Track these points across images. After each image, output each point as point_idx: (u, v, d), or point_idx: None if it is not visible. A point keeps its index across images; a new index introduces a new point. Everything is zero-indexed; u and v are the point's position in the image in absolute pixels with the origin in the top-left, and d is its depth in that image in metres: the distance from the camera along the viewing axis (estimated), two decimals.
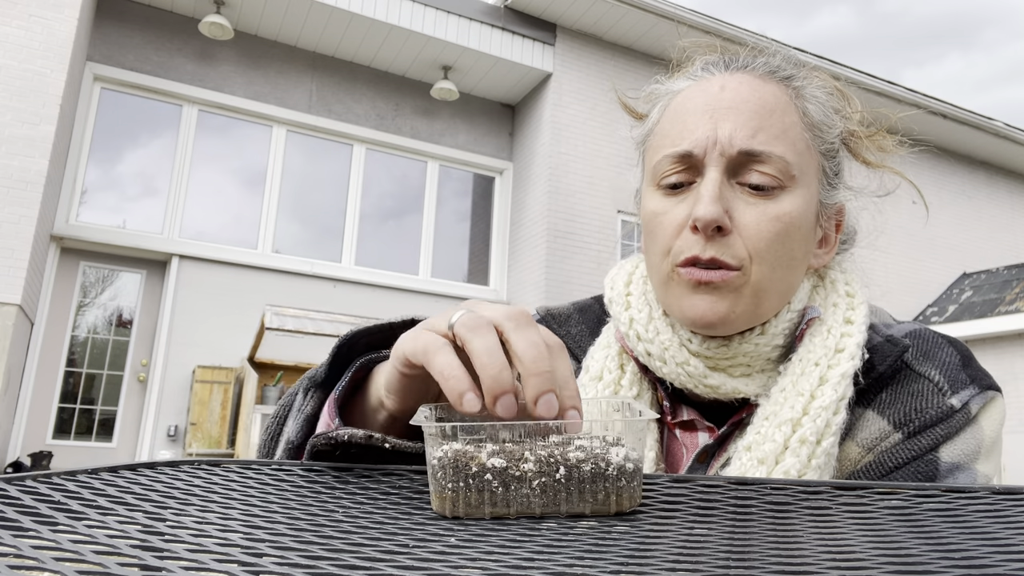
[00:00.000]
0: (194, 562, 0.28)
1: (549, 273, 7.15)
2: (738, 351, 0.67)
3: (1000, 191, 10.29)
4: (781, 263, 0.66)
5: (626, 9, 7.26)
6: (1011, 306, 8.12)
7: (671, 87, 0.73)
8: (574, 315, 0.83)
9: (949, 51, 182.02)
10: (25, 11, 5.46)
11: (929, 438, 0.63)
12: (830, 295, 0.71)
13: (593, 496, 0.39)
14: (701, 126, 0.66)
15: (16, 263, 5.13)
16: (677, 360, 0.68)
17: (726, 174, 0.65)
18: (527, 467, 0.39)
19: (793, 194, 0.66)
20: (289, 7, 6.71)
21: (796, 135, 0.67)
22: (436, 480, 0.40)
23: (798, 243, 0.67)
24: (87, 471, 0.44)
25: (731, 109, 0.66)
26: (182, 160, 6.85)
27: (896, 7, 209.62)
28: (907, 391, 0.66)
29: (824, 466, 0.62)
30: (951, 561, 0.30)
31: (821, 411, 0.62)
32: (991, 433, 0.65)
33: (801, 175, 0.66)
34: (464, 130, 7.96)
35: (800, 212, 0.66)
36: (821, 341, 0.67)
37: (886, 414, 0.65)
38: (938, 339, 0.70)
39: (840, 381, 0.64)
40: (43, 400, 6.23)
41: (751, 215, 0.65)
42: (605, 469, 0.39)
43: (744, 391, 0.67)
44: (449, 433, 0.41)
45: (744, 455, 0.63)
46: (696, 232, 0.65)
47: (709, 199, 0.63)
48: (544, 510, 0.40)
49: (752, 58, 0.71)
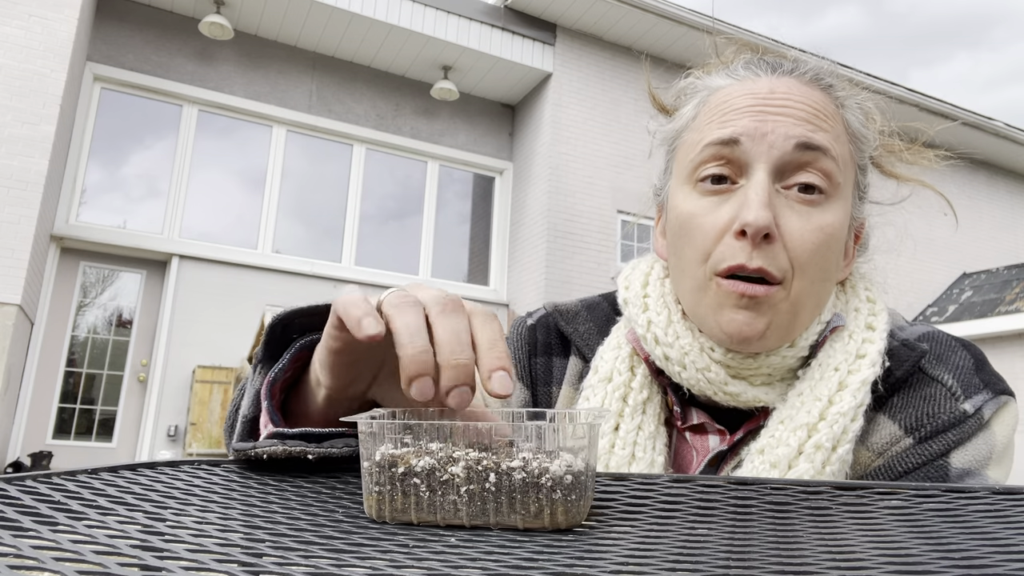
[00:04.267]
0: (194, 562, 0.28)
1: (549, 273, 7.15)
2: (764, 363, 0.65)
3: (1000, 191, 10.29)
4: (819, 276, 0.63)
5: (626, 9, 7.26)
6: (1011, 306, 8.12)
7: (709, 83, 0.70)
8: (582, 312, 0.80)
9: (956, 51, 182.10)
10: (25, 11, 5.46)
11: (940, 443, 0.62)
12: (851, 300, 0.70)
13: (524, 508, 0.36)
14: (748, 119, 0.62)
15: (16, 263, 5.13)
16: (698, 366, 0.65)
17: (772, 176, 0.62)
18: (455, 470, 0.37)
19: (836, 204, 0.63)
20: (289, 7, 6.71)
21: (842, 143, 0.65)
22: (365, 481, 0.38)
23: (835, 255, 0.65)
24: (87, 471, 0.44)
25: (784, 108, 0.63)
26: (182, 160, 6.85)
27: (904, 7, 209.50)
28: (919, 395, 0.65)
29: (837, 473, 0.61)
30: (951, 561, 0.30)
31: (839, 417, 0.61)
32: (1003, 439, 0.64)
33: (843, 185, 0.64)
34: (464, 130, 7.95)
35: (840, 224, 0.64)
36: (842, 347, 0.65)
37: (897, 418, 0.64)
38: (951, 342, 0.69)
39: (860, 387, 0.62)
40: (43, 400, 6.23)
41: (796, 224, 0.61)
42: (538, 479, 0.36)
43: (764, 399, 0.65)
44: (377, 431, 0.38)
45: (756, 458, 0.62)
46: (742, 238, 0.61)
47: (760, 203, 0.59)
48: (472, 520, 0.37)
49: (796, 64, 0.68)
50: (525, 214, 7.69)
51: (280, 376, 0.54)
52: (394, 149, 7.72)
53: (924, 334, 0.70)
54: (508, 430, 0.39)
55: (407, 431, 0.39)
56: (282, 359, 0.55)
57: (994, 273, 9.19)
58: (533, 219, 7.51)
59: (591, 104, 7.64)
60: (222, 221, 7.01)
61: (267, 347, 0.55)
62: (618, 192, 7.58)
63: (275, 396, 0.54)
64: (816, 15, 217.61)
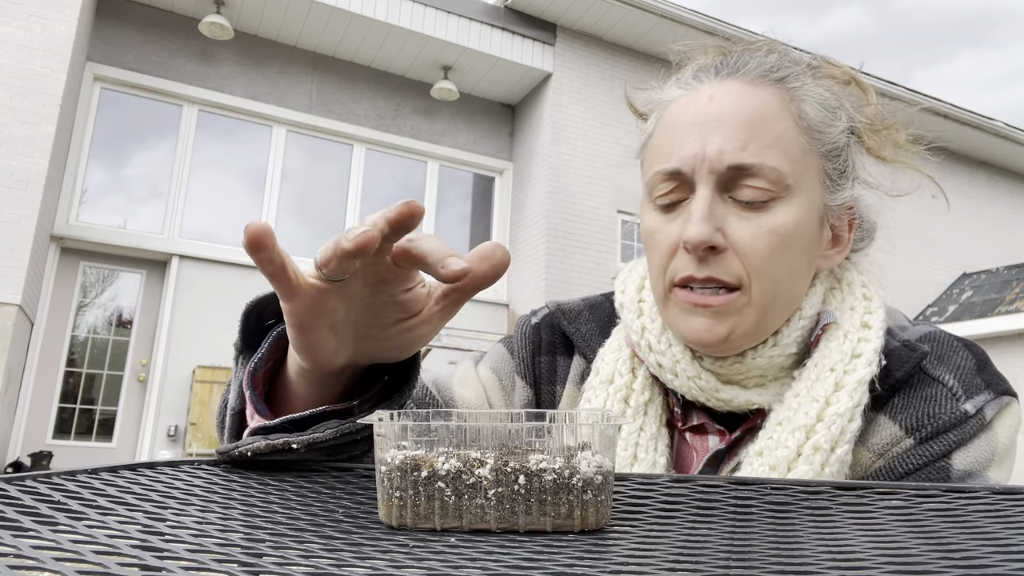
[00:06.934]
0: (194, 562, 0.28)
1: (549, 273, 7.15)
2: (752, 365, 0.66)
3: (1000, 191, 10.29)
4: (783, 275, 0.64)
5: (626, 9, 7.26)
6: (1011, 306, 8.12)
7: (664, 96, 0.71)
8: (584, 312, 0.80)
9: (961, 50, 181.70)
10: (25, 11, 5.46)
11: (941, 444, 0.62)
12: (847, 298, 0.69)
13: (556, 510, 0.36)
14: (690, 142, 0.64)
15: (16, 263, 5.13)
16: (689, 374, 0.67)
17: (718, 190, 0.63)
18: (483, 472, 0.36)
19: (789, 203, 0.63)
20: (289, 7, 6.71)
21: (790, 141, 0.64)
22: (383, 486, 0.37)
23: (799, 252, 0.65)
24: (87, 471, 0.44)
25: (719, 121, 0.64)
26: (182, 160, 6.85)
27: (909, 6, 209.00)
28: (920, 396, 0.64)
29: (837, 474, 0.61)
30: (951, 561, 0.30)
31: (836, 418, 0.61)
32: (1005, 440, 0.63)
33: (797, 182, 0.64)
34: (464, 130, 7.95)
35: (798, 221, 0.64)
36: (837, 346, 0.65)
37: (898, 419, 0.64)
38: (953, 342, 0.68)
39: (857, 388, 0.62)
40: (43, 400, 6.23)
41: (745, 231, 0.63)
42: (569, 479, 0.35)
43: (758, 402, 0.66)
44: (399, 434, 0.37)
45: (755, 460, 0.62)
46: (690, 252, 0.63)
47: (698, 219, 0.62)
48: (500, 524, 0.36)
49: (745, 60, 0.68)
50: (525, 214, 7.69)
51: (261, 366, 0.54)
52: (394, 149, 7.72)
53: (926, 334, 0.69)
54: (532, 431, 0.39)
55: (426, 432, 0.38)
56: (260, 348, 0.54)
57: (994, 273, 9.19)
58: (533, 219, 7.51)
59: (591, 104, 7.64)
60: (222, 221, 7.01)
61: (244, 336, 0.55)
62: (618, 192, 7.58)
63: (259, 386, 0.54)
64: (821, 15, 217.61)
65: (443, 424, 0.38)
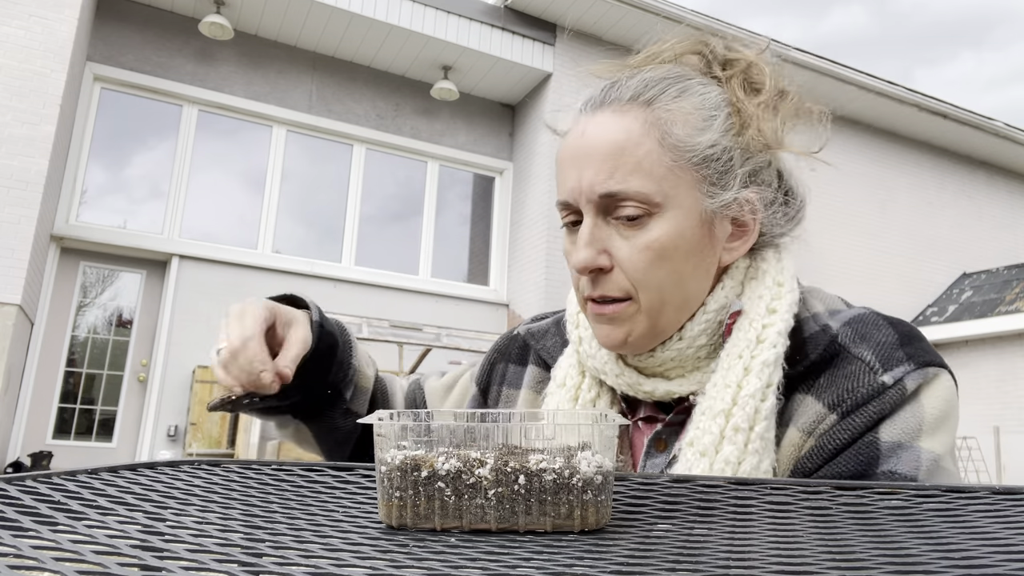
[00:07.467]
0: (194, 562, 0.28)
1: (549, 273, 7.15)
2: (663, 358, 0.73)
3: (1000, 191, 10.29)
4: (668, 282, 0.70)
5: (626, 9, 7.26)
6: (1011, 306, 8.12)
7: (562, 127, 0.77)
8: (551, 328, 0.89)
9: (961, 50, 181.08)
10: (25, 11, 5.46)
11: (863, 416, 0.65)
12: (757, 287, 0.74)
13: (556, 510, 0.36)
14: (571, 176, 0.71)
15: (16, 263, 5.13)
16: (615, 372, 0.75)
17: (600, 214, 0.70)
18: (483, 472, 0.36)
19: (663, 218, 0.69)
20: (289, 7, 6.71)
21: (654, 161, 0.69)
22: (383, 486, 0.37)
23: (682, 259, 0.70)
24: (87, 471, 0.44)
25: (589, 156, 0.70)
26: (182, 160, 6.84)
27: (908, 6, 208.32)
28: (841, 373, 0.68)
29: (762, 450, 0.65)
30: (951, 561, 0.30)
31: (748, 399, 0.66)
32: (933, 410, 0.65)
33: (667, 198, 0.69)
34: (464, 130, 7.95)
35: (673, 233, 0.69)
36: (743, 334, 0.70)
37: (822, 398, 0.68)
38: (878, 321, 0.71)
39: (763, 369, 0.67)
40: (43, 400, 6.23)
41: (625, 249, 0.69)
42: (569, 479, 0.36)
43: (678, 391, 0.72)
44: (399, 434, 0.38)
45: (688, 450, 0.67)
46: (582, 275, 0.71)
47: (581, 245, 0.70)
48: (500, 524, 0.36)
49: (620, 86, 0.73)
50: (525, 214, 7.69)
51: None
52: (394, 149, 7.72)
53: (854, 316, 0.72)
54: (533, 432, 0.40)
55: (427, 433, 0.38)
56: None
57: (994, 273, 9.19)
58: (533, 219, 7.51)
59: None
60: (222, 221, 7.01)
61: None
62: None
63: None
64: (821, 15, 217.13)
65: (443, 424, 0.38)
